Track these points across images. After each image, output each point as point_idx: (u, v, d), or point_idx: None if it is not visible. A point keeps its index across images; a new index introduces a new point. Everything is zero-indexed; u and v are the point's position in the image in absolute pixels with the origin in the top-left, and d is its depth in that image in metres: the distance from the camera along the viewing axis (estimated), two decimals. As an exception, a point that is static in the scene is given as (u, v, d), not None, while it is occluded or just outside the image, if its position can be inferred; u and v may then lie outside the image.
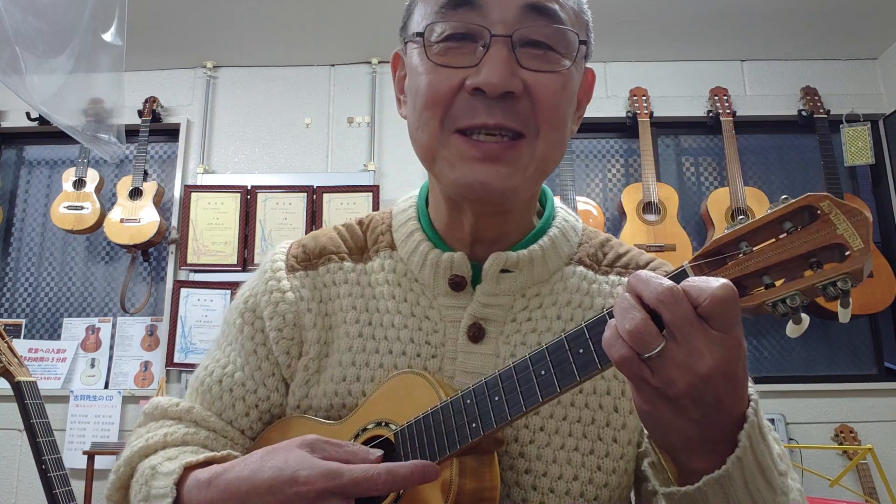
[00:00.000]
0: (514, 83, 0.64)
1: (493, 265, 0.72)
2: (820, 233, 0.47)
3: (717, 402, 0.47)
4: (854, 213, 0.47)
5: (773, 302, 0.48)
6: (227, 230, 3.12)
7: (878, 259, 2.97)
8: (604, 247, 0.79)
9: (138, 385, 3.06)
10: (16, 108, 3.29)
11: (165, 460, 0.67)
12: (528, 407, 0.55)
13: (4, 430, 2.99)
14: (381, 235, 0.80)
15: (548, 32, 0.67)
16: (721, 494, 0.49)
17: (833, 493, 2.54)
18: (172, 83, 3.40)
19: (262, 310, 0.77)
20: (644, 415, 0.50)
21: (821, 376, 3.10)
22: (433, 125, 0.67)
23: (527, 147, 0.66)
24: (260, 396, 0.76)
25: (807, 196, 0.48)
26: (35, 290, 3.35)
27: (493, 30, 0.65)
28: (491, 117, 0.64)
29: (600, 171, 3.41)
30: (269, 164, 3.31)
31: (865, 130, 3.16)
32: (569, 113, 0.70)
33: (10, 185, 3.45)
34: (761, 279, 0.49)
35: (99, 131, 2.62)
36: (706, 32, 3.14)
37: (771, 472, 0.51)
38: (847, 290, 0.46)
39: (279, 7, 2.92)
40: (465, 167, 0.66)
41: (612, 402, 0.69)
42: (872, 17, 3.00)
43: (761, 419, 0.51)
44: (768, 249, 0.49)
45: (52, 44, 2.18)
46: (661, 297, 0.47)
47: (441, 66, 0.67)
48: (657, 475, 0.55)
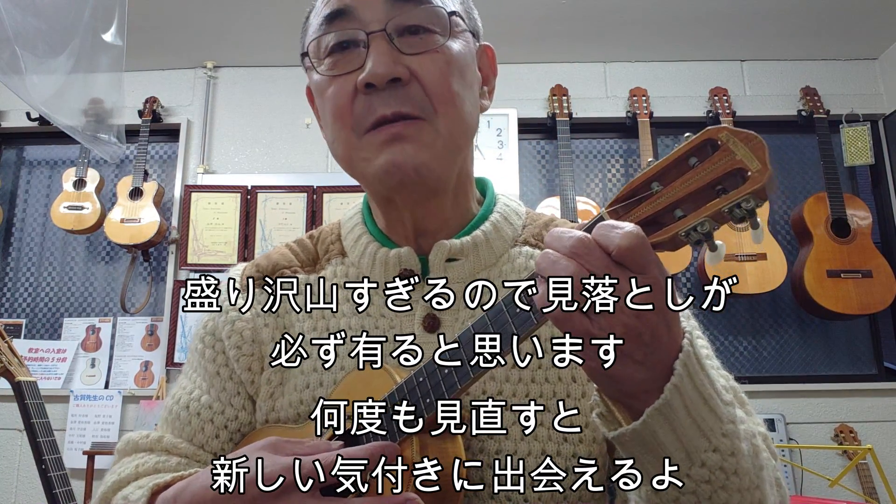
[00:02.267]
0: (399, 69, 0.68)
1: (439, 255, 0.74)
2: (721, 161, 0.50)
3: (654, 339, 0.49)
4: (750, 138, 0.49)
5: (685, 231, 0.51)
6: (228, 230, 3.13)
7: (877, 259, 2.96)
8: (548, 226, 0.80)
9: (138, 385, 3.06)
10: (16, 108, 3.29)
11: (136, 489, 0.68)
12: (474, 373, 0.56)
13: (4, 430, 2.99)
14: (332, 245, 0.82)
15: (419, 14, 0.70)
16: (666, 426, 0.50)
17: (833, 493, 2.54)
18: (172, 83, 3.41)
19: (220, 331, 0.79)
20: (591, 371, 0.51)
21: (820, 376, 3.10)
22: (345, 134, 0.71)
23: (428, 127, 0.69)
24: (228, 417, 0.77)
25: (706, 130, 0.51)
26: (35, 290, 3.35)
27: (368, 28, 0.69)
28: (387, 107, 0.68)
29: (600, 171, 3.41)
30: (269, 164, 3.31)
31: (865, 130, 3.16)
32: (464, 87, 0.72)
33: (10, 185, 3.46)
34: (673, 213, 0.52)
35: (99, 131, 2.62)
36: (706, 32, 3.14)
37: (714, 401, 0.52)
38: (751, 209, 0.49)
39: (279, 7, 2.92)
40: (377, 156, 0.69)
41: (569, 372, 0.70)
42: (872, 17, 3.00)
43: (697, 349, 0.52)
44: (677, 185, 0.52)
45: (52, 44, 2.18)
46: (574, 248, 0.49)
47: (335, 77, 0.71)
48: (607, 424, 0.56)
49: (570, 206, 3.00)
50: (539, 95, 3.31)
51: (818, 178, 3.17)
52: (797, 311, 3.15)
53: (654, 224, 0.52)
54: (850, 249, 2.96)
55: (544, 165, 3.41)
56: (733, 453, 0.52)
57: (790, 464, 2.73)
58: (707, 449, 0.51)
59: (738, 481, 0.52)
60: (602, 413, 0.57)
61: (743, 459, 0.53)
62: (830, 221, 2.98)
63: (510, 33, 3.08)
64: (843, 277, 2.92)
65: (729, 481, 0.52)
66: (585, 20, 3.04)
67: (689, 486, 0.51)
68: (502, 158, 3.14)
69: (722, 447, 0.52)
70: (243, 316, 0.78)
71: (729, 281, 0.52)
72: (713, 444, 0.52)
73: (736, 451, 0.52)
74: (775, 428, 2.86)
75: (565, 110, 3.19)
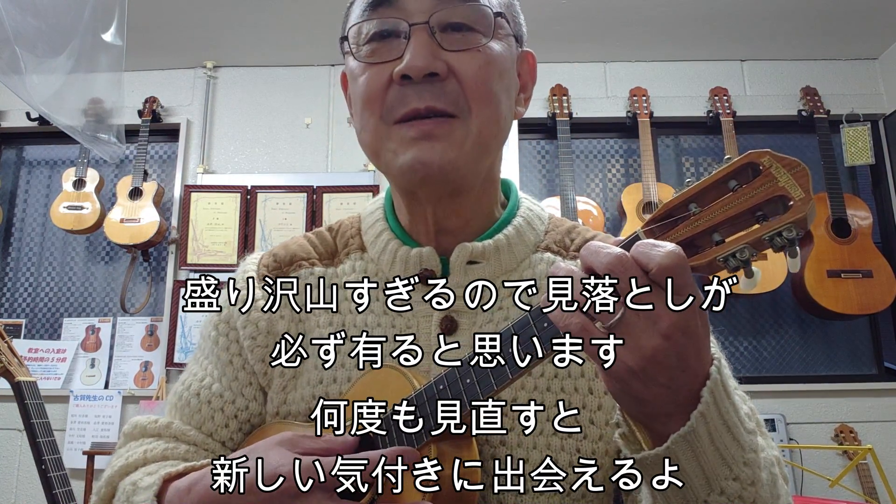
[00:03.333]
0: (437, 64, 0.67)
1: (460, 256, 0.73)
2: (763, 187, 0.49)
3: (681, 363, 0.48)
4: (793, 165, 0.49)
5: (723, 257, 0.50)
6: (227, 230, 3.12)
7: (877, 259, 2.96)
8: (570, 233, 0.80)
9: (138, 385, 3.06)
10: (16, 108, 3.29)
11: (146, 475, 0.67)
12: (498, 385, 0.56)
13: (4, 430, 2.99)
14: (351, 239, 0.81)
15: (464, 11, 0.69)
16: (689, 452, 0.50)
17: (833, 493, 2.54)
18: (172, 83, 3.40)
19: (235, 320, 0.78)
20: (615, 391, 0.51)
21: (820, 376, 3.10)
22: (373, 122, 0.70)
23: (460, 125, 0.68)
24: (238, 406, 0.76)
25: (748, 154, 0.50)
26: (35, 290, 3.35)
27: (411, 20, 0.68)
28: (421, 101, 0.67)
29: (600, 171, 3.41)
30: (269, 164, 3.31)
31: (865, 130, 3.16)
32: (501, 89, 0.71)
33: (10, 185, 3.46)
34: (711, 237, 0.51)
35: (99, 131, 2.62)
36: (706, 32, 3.14)
37: (738, 430, 0.52)
38: (793, 238, 0.48)
39: (279, 7, 2.92)
40: (405, 151, 0.68)
41: (586, 384, 0.70)
42: (872, 17, 3.00)
43: (725, 378, 0.52)
44: (716, 208, 0.51)
45: (52, 44, 2.18)
46: (611, 265, 0.48)
47: (371, 65, 0.70)
48: (628, 445, 0.55)
49: (570, 206, 3.00)
50: (539, 95, 3.31)
51: (818, 178, 3.17)
52: (797, 312, 3.15)
53: (692, 247, 0.51)
54: (850, 249, 2.96)
55: (544, 165, 3.41)
56: (753, 483, 0.52)
57: (790, 464, 2.73)
58: (728, 477, 0.51)
59: None
60: (624, 434, 0.56)
61: (762, 489, 0.53)
62: (831, 221, 2.98)
63: (510, 33, 3.08)
64: (844, 277, 2.91)
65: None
66: (585, 20, 3.04)
67: None
68: (502, 158, 3.14)
69: (742, 476, 0.52)
70: (258, 306, 0.77)
71: (729, 281, 0.52)
72: (734, 473, 0.51)
73: (756, 481, 0.52)
74: (775, 428, 2.86)
75: (565, 110, 3.18)
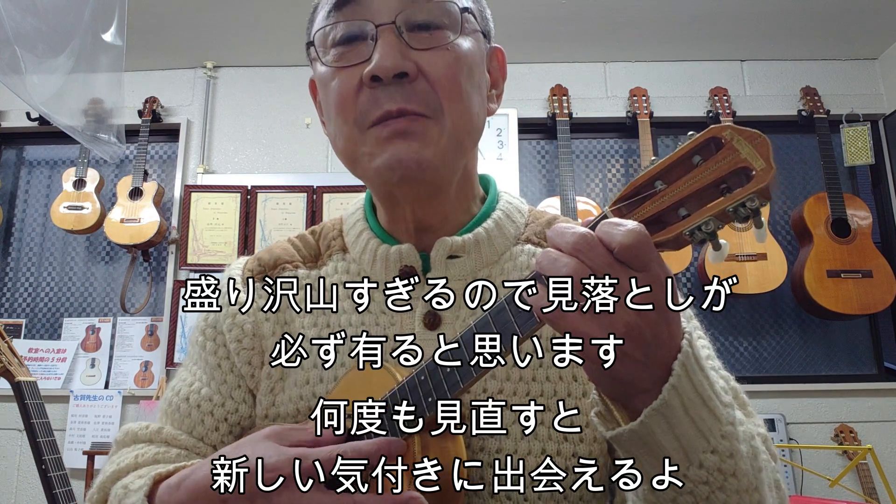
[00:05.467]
0: (406, 64, 0.66)
1: (440, 251, 0.74)
2: (725, 159, 0.50)
3: (654, 338, 0.49)
4: (754, 136, 0.49)
5: (689, 230, 0.51)
6: (227, 230, 3.12)
7: (877, 259, 2.96)
8: (550, 224, 0.80)
9: (138, 385, 3.06)
10: (16, 108, 3.29)
11: (136, 478, 0.67)
12: (476, 373, 0.56)
13: (4, 430, 2.99)
14: (333, 240, 0.82)
15: (430, 8, 0.69)
16: (665, 425, 0.50)
17: (833, 493, 2.54)
18: (172, 83, 3.40)
19: (221, 324, 0.78)
20: (591, 370, 0.51)
21: (820, 376, 3.10)
22: (347, 129, 0.70)
23: (434, 124, 0.68)
24: (228, 409, 0.77)
25: (710, 128, 0.51)
26: (35, 290, 3.35)
27: (377, 20, 0.68)
28: (392, 103, 0.67)
29: (600, 171, 3.41)
30: (269, 164, 3.31)
31: (865, 130, 3.16)
32: (472, 86, 0.71)
33: (10, 185, 3.46)
34: (678, 212, 0.51)
35: (99, 131, 2.62)
36: (706, 32, 3.14)
37: (713, 402, 0.52)
38: (756, 208, 0.48)
39: (279, 7, 2.92)
40: (381, 151, 0.68)
41: (569, 371, 0.70)
42: (872, 17, 3.00)
43: (697, 350, 0.52)
44: (681, 184, 0.51)
45: (52, 44, 2.18)
46: (577, 244, 0.49)
47: (340, 69, 0.70)
48: (605, 424, 0.55)
49: (571, 206, 3.00)
50: (539, 95, 3.31)
51: (818, 178, 3.17)
52: (797, 311, 3.15)
53: (658, 223, 0.52)
54: (850, 249, 2.96)
55: (544, 165, 3.41)
56: (732, 455, 0.52)
57: (790, 464, 2.73)
58: (705, 450, 0.51)
59: (736, 483, 0.52)
60: (600, 412, 0.56)
61: (741, 461, 0.53)
62: (830, 221, 2.98)
63: (510, 33, 3.08)
64: (844, 277, 2.92)
65: (727, 483, 0.52)
66: (585, 20, 3.04)
67: (687, 487, 0.51)
68: (502, 158, 3.14)
69: (720, 448, 0.52)
70: (244, 309, 0.77)
71: (729, 281, 0.52)
72: (711, 445, 0.51)
73: (734, 453, 0.52)
74: (775, 428, 2.86)
75: (565, 110, 3.19)
